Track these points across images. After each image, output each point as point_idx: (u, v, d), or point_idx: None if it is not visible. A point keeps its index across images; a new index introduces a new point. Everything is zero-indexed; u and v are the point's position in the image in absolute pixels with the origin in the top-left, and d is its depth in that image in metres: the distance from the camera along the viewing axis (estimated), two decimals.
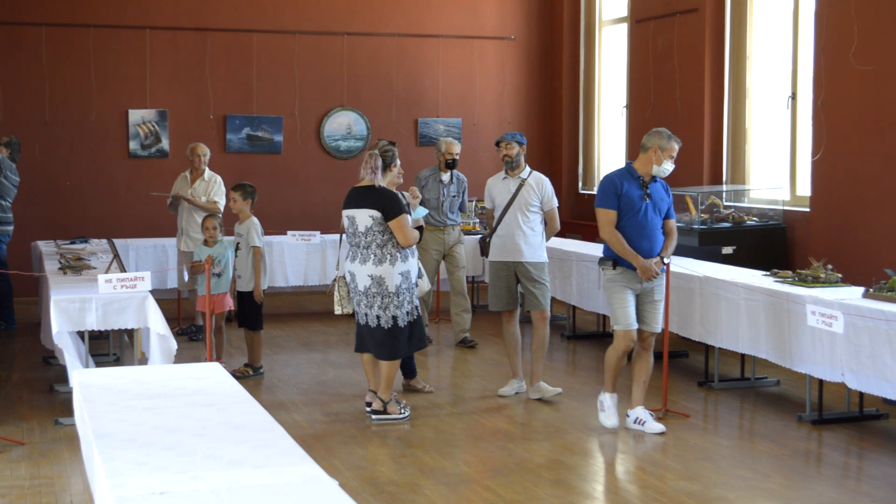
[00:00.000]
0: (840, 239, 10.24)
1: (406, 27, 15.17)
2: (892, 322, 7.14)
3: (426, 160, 14.98)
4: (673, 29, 12.87)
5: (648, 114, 13.37)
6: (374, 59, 15.07)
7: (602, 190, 7.88)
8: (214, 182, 11.49)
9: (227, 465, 3.83)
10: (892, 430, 7.96)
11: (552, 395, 8.74)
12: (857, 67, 10.04)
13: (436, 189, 10.91)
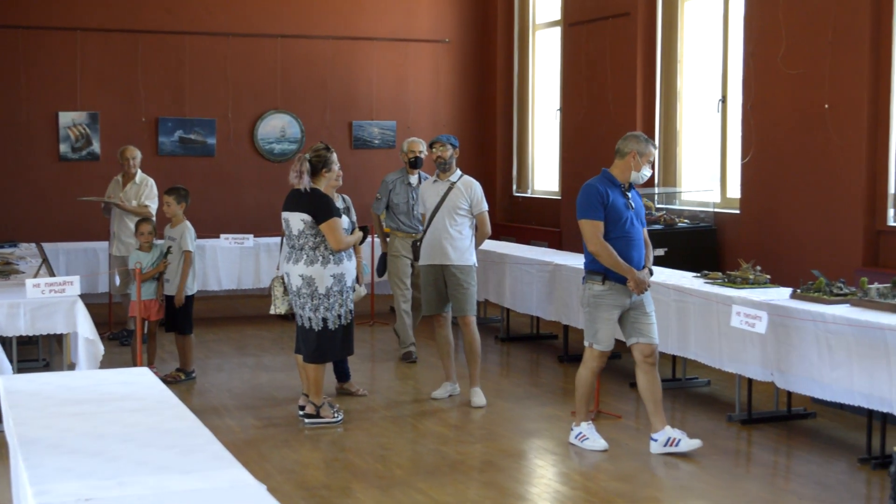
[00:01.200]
0: (769, 240, 10.38)
1: (340, 30, 15.14)
2: (818, 322, 7.24)
3: (361, 163, 15.00)
4: (605, 33, 12.96)
5: (581, 117, 13.46)
6: (307, 62, 15.03)
7: (587, 199, 7.31)
8: (146, 185, 11.37)
9: (154, 470, 3.79)
10: (820, 428, 8.07)
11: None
12: (785, 71, 10.17)
13: (404, 192, 10.49)
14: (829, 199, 9.80)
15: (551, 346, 11.27)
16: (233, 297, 14.15)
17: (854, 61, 9.51)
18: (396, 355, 10.71)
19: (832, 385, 7.20)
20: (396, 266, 10.54)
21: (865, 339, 6.88)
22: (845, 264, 9.42)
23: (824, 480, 6.86)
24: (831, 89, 9.71)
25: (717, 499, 6.54)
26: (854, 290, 7.69)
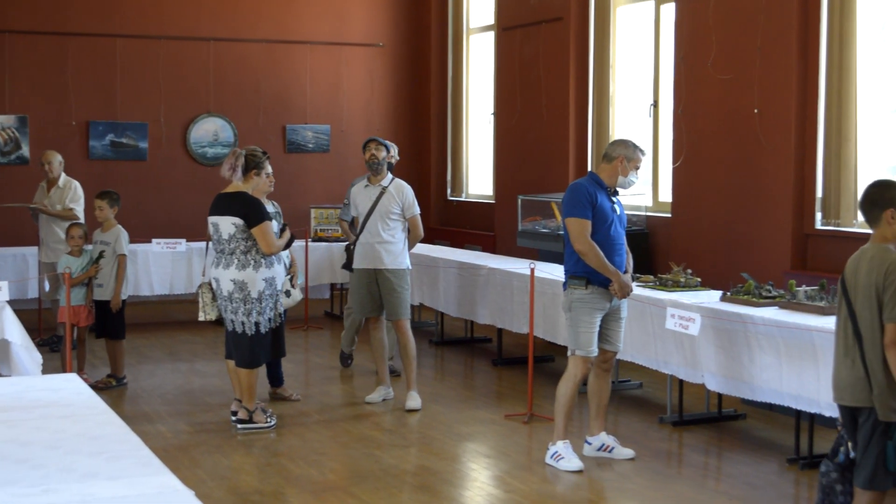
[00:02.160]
0: (699, 244, 10.48)
1: (273, 33, 15.07)
2: (748, 324, 7.33)
3: (295, 167, 14.94)
4: (538, 37, 13.02)
5: (515, 121, 13.51)
6: (241, 66, 14.94)
7: (575, 198, 7.14)
8: (70, 188, 11.20)
9: (80, 477, 3.75)
10: (750, 429, 8.17)
11: None
12: (715, 76, 10.28)
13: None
14: (759, 202, 9.92)
15: (485, 350, 11.30)
16: (165, 303, 14.02)
17: (782, 67, 9.64)
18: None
19: (761, 386, 7.29)
20: (358, 275, 9.63)
21: (794, 341, 6.97)
22: (774, 267, 9.54)
23: (754, 481, 6.95)
24: (760, 94, 9.83)
25: (649, 500, 6.60)
26: (782, 292, 7.80)
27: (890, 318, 4.85)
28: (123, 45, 14.33)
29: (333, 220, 13.49)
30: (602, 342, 7.30)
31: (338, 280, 13.08)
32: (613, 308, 7.30)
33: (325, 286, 13.72)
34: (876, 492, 5.01)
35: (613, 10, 12.23)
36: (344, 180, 14.14)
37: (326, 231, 13.34)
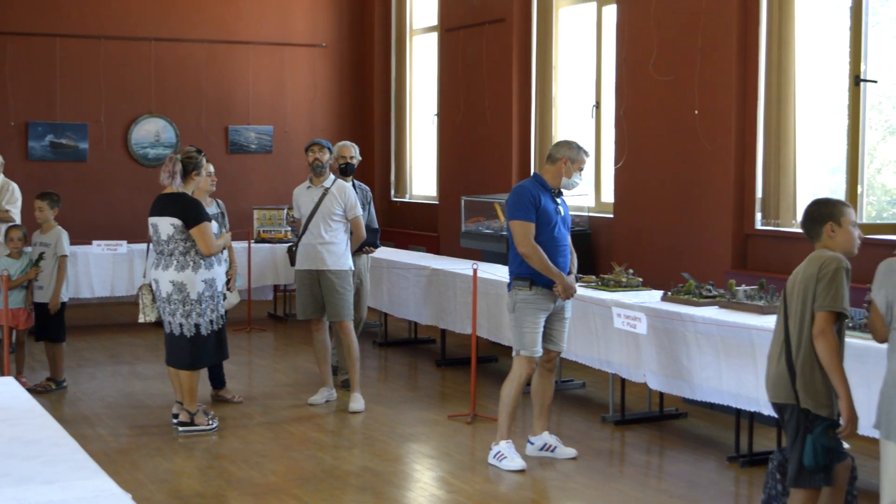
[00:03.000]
0: (641, 244, 10.55)
1: (216, 33, 14.97)
2: (688, 323, 7.38)
3: (237, 168, 14.86)
4: (481, 38, 13.04)
5: (458, 122, 13.52)
6: (182, 66, 14.83)
7: (518, 200, 7.16)
8: (7, 190, 11.03)
9: (15, 481, 3.70)
10: (691, 428, 8.22)
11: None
12: (656, 78, 10.36)
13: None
14: (699, 202, 10.00)
15: (429, 351, 11.29)
16: (106, 305, 13.88)
17: (723, 68, 9.73)
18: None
19: (702, 385, 7.35)
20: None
21: (733, 340, 7.03)
22: (715, 267, 9.62)
23: (695, 479, 7.00)
24: (701, 96, 9.91)
25: (591, 499, 6.63)
26: (722, 292, 7.86)
27: (820, 306, 4.95)
28: (63, 45, 14.18)
29: (276, 222, 13.44)
30: (546, 342, 7.32)
31: (281, 281, 13.03)
32: (557, 308, 7.32)
33: (269, 287, 13.66)
34: (807, 490, 5.06)
35: (556, 12, 12.28)
36: (287, 181, 14.10)
37: (269, 232, 13.26)
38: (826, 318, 4.93)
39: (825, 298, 4.94)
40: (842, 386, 4.90)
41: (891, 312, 4.76)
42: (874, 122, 9.36)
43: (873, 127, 9.37)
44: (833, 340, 4.92)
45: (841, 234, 5.11)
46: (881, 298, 4.78)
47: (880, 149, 9.47)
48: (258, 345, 11.70)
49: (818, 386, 4.96)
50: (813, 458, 4.94)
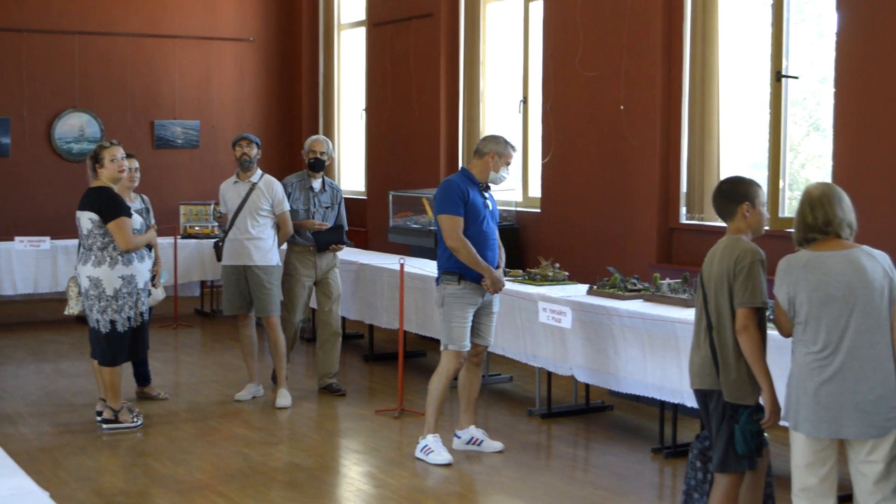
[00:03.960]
0: (568, 238, 10.62)
1: (141, 27, 14.80)
2: (613, 317, 7.44)
3: (163, 163, 14.71)
4: (409, 33, 13.04)
5: (386, 117, 13.51)
6: (107, 60, 14.65)
7: (447, 195, 7.15)
8: None
9: None
10: (616, 420, 8.29)
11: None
12: (582, 73, 10.42)
13: (305, 198, 9.04)
14: (625, 197, 10.08)
15: (357, 346, 11.27)
16: (29, 302, 13.67)
17: (647, 64, 9.81)
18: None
19: (627, 378, 7.41)
20: (292, 288, 9.05)
21: (657, 333, 7.10)
22: (640, 260, 9.71)
23: (620, 471, 7.06)
24: (626, 91, 9.99)
25: (518, 492, 6.66)
26: (647, 285, 7.94)
27: (740, 303, 5.01)
28: None
29: (203, 217, 13.33)
30: (473, 336, 7.35)
31: (208, 277, 12.93)
32: (485, 303, 7.35)
33: (195, 284, 13.53)
34: (731, 475, 5.13)
35: (483, 7, 12.31)
36: (214, 176, 13.98)
37: (196, 228, 13.16)
38: (747, 314, 5.00)
39: (744, 295, 5.00)
40: (765, 379, 4.99)
41: (792, 308, 4.84)
42: (798, 117, 9.51)
43: (797, 122, 9.51)
44: (756, 335, 4.99)
45: (755, 215, 5.20)
46: (783, 295, 4.86)
47: (804, 144, 9.61)
48: (185, 341, 11.61)
49: (742, 377, 5.03)
50: (744, 444, 5.03)
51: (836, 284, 4.69)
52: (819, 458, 4.77)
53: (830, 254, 4.75)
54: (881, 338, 4.67)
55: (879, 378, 4.65)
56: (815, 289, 4.73)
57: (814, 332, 4.75)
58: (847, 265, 4.70)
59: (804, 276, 4.77)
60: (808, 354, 4.77)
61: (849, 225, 4.81)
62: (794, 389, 4.84)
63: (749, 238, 5.21)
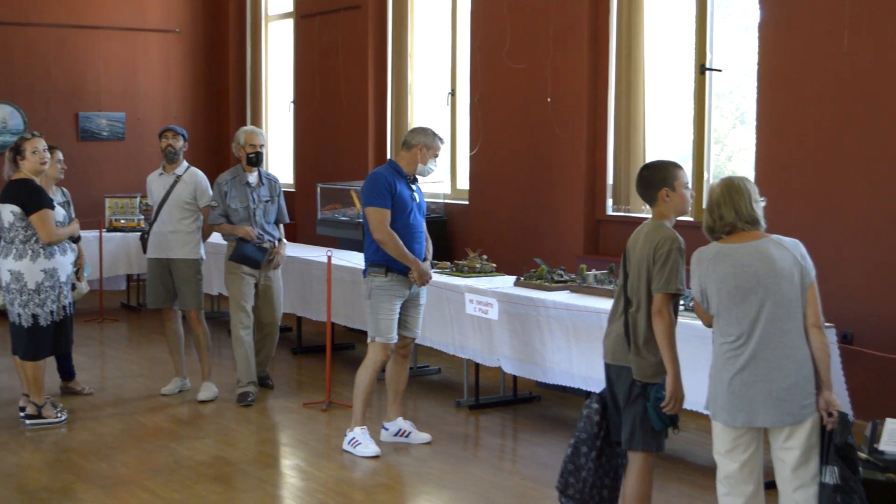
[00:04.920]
0: (496, 230, 10.65)
1: (65, 17, 14.58)
2: (540, 308, 7.49)
3: (88, 156, 14.52)
4: (337, 25, 12.99)
5: (315, 109, 13.45)
6: (31, 51, 14.41)
7: (374, 187, 7.14)
8: None
9: None
10: (543, 411, 8.34)
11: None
12: (509, 65, 10.45)
13: (242, 195, 8.57)
14: (553, 189, 10.13)
15: (285, 339, 11.17)
16: None
17: (574, 57, 9.86)
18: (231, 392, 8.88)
19: (553, 369, 7.47)
20: (237, 285, 8.66)
21: (583, 324, 7.16)
22: (568, 252, 9.76)
23: (547, 461, 7.10)
24: (553, 84, 10.03)
25: (445, 483, 6.68)
26: (574, 276, 7.99)
27: (657, 288, 5.11)
28: None
29: (129, 210, 13.20)
30: (401, 328, 7.35)
31: (134, 271, 12.80)
32: (413, 295, 7.36)
33: (122, 277, 13.38)
34: (644, 452, 5.18)
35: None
36: (141, 169, 13.81)
37: (121, 221, 13.02)
38: (662, 299, 5.09)
39: (660, 281, 5.10)
40: (671, 363, 5.07)
41: (705, 299, 4.91)
42: (725, 110, 9.61)
43: (724, 115, 9.62)
44: (668, 320, 5.08)
45: (675, 198, 5.26)
46: (696, 287, 4.93)
47: (731, 137, 9.72)
48: (110, 335, 11.48)
49: (652, 358, 5.13)
50: (659, 420, 5.09)
51: (743, 276, 4.75)
52: (738, 446, 4.83)
53: (739, 245, 4.81)
54: (793, 326, 4.73)
55: (792, 366, 4.71)
56: (723, 280, 4.79)
57: (726, 323, 4.82)
58: (755, 256, 4.76)
59: (713, 269, 4.84)
60: (723, 344, 4.83)
61: (750, 220, 4.84)
62: (713, 379, 4.91)
63: (674, 220, 5.30)
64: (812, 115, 8.03)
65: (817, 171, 8.01)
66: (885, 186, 7.57)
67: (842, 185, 7.84)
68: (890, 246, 7.57)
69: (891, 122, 7.54)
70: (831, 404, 4.73)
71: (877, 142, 7.62)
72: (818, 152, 7.99)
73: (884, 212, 7.60)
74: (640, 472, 5.22)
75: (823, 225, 7.89)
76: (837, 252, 7.73)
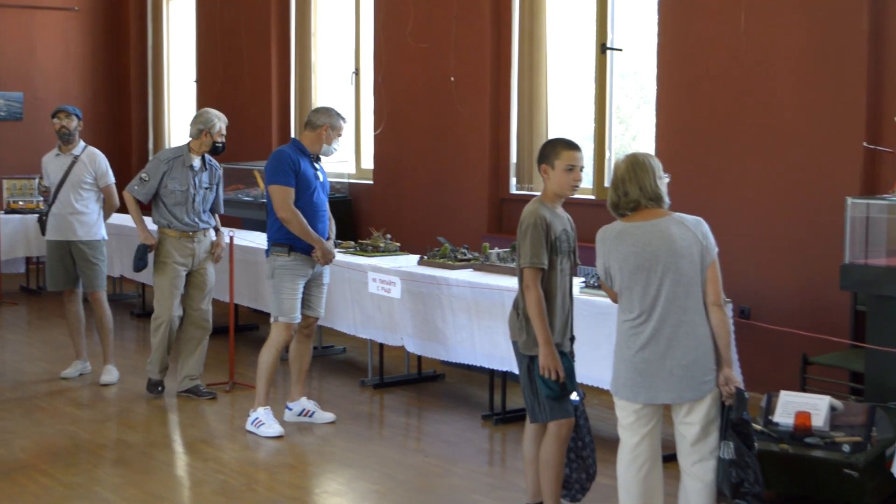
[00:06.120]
0: (401, 209, 10.66)
1: None
2: (442, 286, 7.51)
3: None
4: (240, 4, 12.88)
5: (218, 88, 13.32)
6: None
7: (278, 165, 7.07)
8: None
9: None
10: (448, 389, 8.38)
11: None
12: (413, 45, 10.44)
13: (184, 177, 8.10)
14: (457, 168, 10.16)
15: None
16: None
17: (477, 36, 9.89)
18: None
19: (456, 347, 7.50)
20: (166, 275, 8.13)
21: (485, 302, 7.19)
22: (472, 231, 9.81)
23: (451, 438, 7.14)
24: (456, 63, 10.05)
25: (349, 462, 6.68)
26: (477, 255, 8.03)
27: (522, 263, 5.22)
28: None
29: (28, 191, 12.96)
30: (304, 308, 7.33)
31: (34, 253, 12.59)
32: (316, 274, 7.34)
33: (20, 260, 13.14)
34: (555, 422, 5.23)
35: None
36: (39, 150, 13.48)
37: (20, 202, 12.78)
38: (529, 273, 5.19)
39: (525, 256, 5.20)
40: (541, 334, 5.15)
41: (609, 277, 4.96)
42: (630, 90, 9.71)
43: (629, 95, 9.72)
44: (536, 294, 5.16)
45: (553, 175, 5.31)
46: (600, 265, 4.98)
47: (636, 116, 9.81)
48: (9, 319, 11.28)
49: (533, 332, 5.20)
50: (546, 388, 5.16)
51: (644, 254, 4.80)
52: (640, 419, 4.89)
53: (640, 224, 4.85)
54: (692, 304, 4.78)
55: (692, 343, 4.77)
56: (625, 258, 4.84)
57: (628, 301, 4.87)
58: (655, 235, 4.81)
59: (616, 247, 4.88)
60: (626, 322, 4.89)
61: (654, 198, 4.88)
62: (616, 356, 4.96)
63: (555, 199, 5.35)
64: (710, 93, 8.16)
65: (715, 149, 8.14)
66: (781, 164, 7.73)
67: (738, 162, 7.98)
68: (785, 222, 7.73)
69: (786, 100, 7.69)
70: (731, 380, 4.81)
71: (773, 119, 7.77)
72: (716, 130, 8.12)
73: (779, 188, 7.75)
74: (554, 440, 5.25)
75: (720, 202, 8.02)
76: (735, 228, 7.87)
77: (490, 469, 6.69)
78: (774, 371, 7.53)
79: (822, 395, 5.86)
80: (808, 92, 7.57)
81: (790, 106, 7.67)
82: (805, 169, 7.60)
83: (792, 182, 7.68)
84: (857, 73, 7.29)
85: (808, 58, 7.55)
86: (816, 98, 7.53)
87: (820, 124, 7.51)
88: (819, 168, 7.52)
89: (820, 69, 7.49)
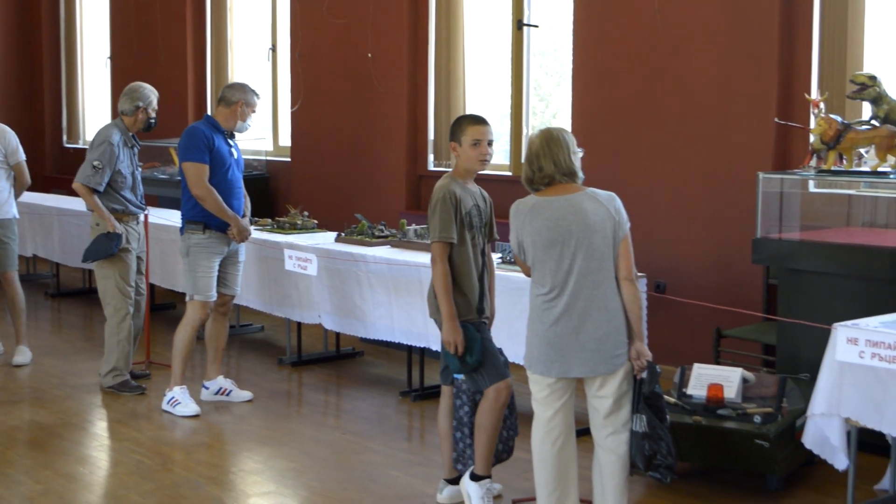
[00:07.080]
0: (318, 187, 10.61)
1: None
2: (360, 263, 7.50)
3: None
4: None
5: (132, 65, 13.13)
6: None
7: (191, 142, 6.99)
8: None
9: None
10: (367, 366, 8.39)
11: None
12: (331, 21, 10.38)
13: (128, 158, 7.72)
14: (374, 145, 10.14)
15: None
16: None
17: (394, 12, 9.85)
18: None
19: (374, 324, 7.50)
20: (126, 263, 7.66)
21: (403, 279, 7.19)
22: (390, 208, 9.79)
23: (369, 415, 7.15)
24: (374, 39, 10.01)
25: (266, 439, 6.65)
26: (394, 231, 8.02)
27: (431, 238, 5.30)
28: None
29: None
30: (220, 286, 7.28)
31: None
32: (231, 252, 7.29)
33: None
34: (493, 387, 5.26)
35: None
36: None
37: None
38: (436, 248, 5.25)
39: (434, 230, 5.26)
40: (445, 308, 5.22)
41: (522, 251, 4.99)
42: (550, 68, 9.73)
43: (548, 73, 9.74)
44: (442, 268, 5.22)
45: (461, 151, 5.37)
46: (514, 239, 5.00)
47: (556, 94, 9.83)
48: None
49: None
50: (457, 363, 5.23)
51: (556, 228, 4.81)
52: (553, 392, 4.91)
53: (554, 198, 4.87)
54: (604, 278, 4.81)
55: (604, 317, 4.80)
56: (538, 233, 4.85)
57: (541, 276, 4.89)
58: (568, 209, 4.82)
59: (529, 221, 4.89)
60: (539, 296, 4.90)
61: (568, 173, 4.89)
62: (529, 330, 4.98)
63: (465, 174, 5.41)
64: (624, 69, 8.21)
65: (630, 125, 8.20)
66: (695, 140, 7.81)
67: (653, 138, 8.05)
68: (699, 196, 7.81)
69: (699, 77, 7.76)
70: (642, 354, 4.85)
71: (686, 96, 7.85)
72: (631, 107, 8.18)
73: (693, 164, 7.84)
74: (493, 404, 5.28)
75: (635, 178, 8.09)
76: (650, 204, 7.95)
77: (408, 445, 6.70)
78: (689, 344, 7.62)
79: (735, 368, 5.96)
80: (721, 69, 7.65)
81: (704, 83, 7.74)
82: (719, 145, 7.69)
83: (706, 158, 7.76)
84: (769, 50, 7.38)
85: (721, 35, 7.63)
86: (729, 75, 7.61)
87: (733, 101, 7.60)
88: (732, 144, 7.61)
89: (733, 47, 7.57)
